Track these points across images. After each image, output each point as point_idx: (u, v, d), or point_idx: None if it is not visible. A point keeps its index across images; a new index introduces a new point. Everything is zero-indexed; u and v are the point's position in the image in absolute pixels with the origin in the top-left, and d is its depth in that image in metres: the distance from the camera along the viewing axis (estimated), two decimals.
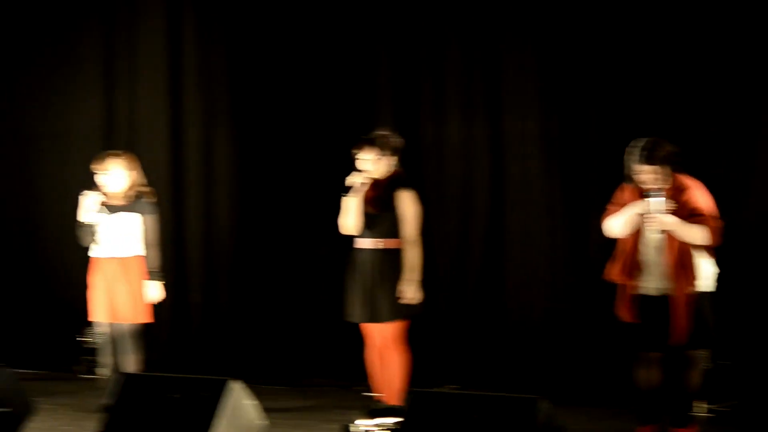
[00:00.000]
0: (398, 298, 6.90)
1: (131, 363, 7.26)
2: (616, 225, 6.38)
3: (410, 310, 6.96)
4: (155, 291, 7.31)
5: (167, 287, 9.02)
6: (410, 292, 6.90)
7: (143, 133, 9.34)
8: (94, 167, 7.39)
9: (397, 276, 6.92)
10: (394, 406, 6.78)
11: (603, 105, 8.17)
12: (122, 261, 7.29)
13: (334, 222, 7.12)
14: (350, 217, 6.98)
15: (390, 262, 6.93)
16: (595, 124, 8.20)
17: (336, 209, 7.08)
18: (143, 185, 7.45)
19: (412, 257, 6.92)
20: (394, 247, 6.93)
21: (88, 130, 9.56)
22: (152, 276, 7.31)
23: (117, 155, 7.40)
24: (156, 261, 7.34)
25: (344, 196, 6.95)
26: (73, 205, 9.35)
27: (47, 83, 9.73)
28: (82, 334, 8.97)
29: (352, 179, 6.91)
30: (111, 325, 7.37)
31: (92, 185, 7.42)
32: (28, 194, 9.85)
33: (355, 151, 6.96)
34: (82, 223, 7.31)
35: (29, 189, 9.84)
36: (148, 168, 7.86)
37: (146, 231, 7.32)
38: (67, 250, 9.57)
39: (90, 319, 7.47)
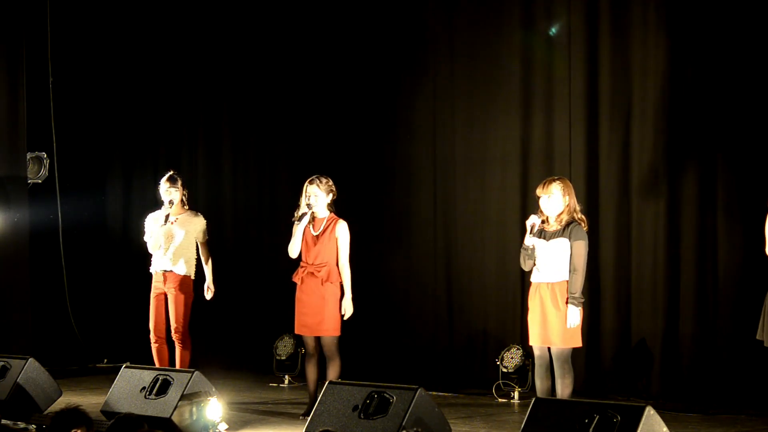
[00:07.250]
0: None
1: (562, 387, 7.30)
2: None
3: None
4: (574, 316, 7.31)
5: (608, 315, 8.99)
6: None
7: (557, 160, 9.39)
8: (539, 192, 7.48)
9: None
10: None
11: None
12: (553, 286, 7.36)
13: None
14: None
15: None
16: None
17: None
18: (577, 211, 7.46)
19: None
20: None
21: (505, 155, 9.75)
22: (572, 301, 7.32)
23: (556, 180, 7.45)
24: (576, 286, 7.34)
25: None
26: (496, 228, 9.61)
27: (467, 110, 10.03)
28: (500, 359, 9.12)
29: None
30: (541, 348, 7.45)
31: (536, 209, 7.51)
32: (447, 218, 10.17)
33: None
34: (526, 246, 7.44)
35: (448, 212, 10.15)
36: None
37: (573, 256, 7.35)
38: (484, 273, 9.82)
39: (530, 343, 7.56)
